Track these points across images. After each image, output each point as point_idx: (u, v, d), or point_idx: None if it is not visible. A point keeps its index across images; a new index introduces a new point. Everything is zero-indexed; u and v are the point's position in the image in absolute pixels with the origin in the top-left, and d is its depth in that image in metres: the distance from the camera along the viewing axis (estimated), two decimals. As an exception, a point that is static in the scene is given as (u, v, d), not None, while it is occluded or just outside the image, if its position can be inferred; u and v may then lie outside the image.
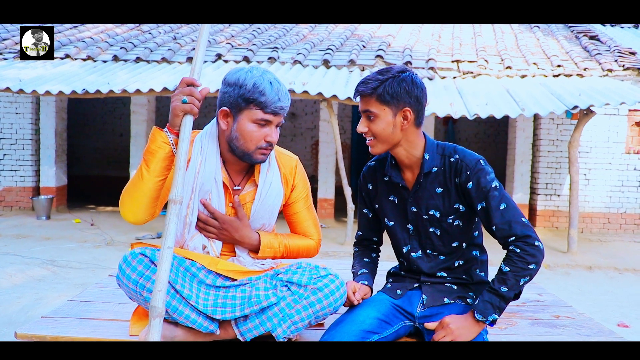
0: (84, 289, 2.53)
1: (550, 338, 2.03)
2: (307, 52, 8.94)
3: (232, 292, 1.85)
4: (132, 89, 6.95)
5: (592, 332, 2.11)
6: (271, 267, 1.97)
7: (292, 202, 2.08)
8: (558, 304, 2.48)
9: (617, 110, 8.69)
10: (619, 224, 8.97)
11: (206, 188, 1.92)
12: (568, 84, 7.88)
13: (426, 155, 1.92)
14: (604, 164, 8.89)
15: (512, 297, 1.78)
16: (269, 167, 1.99)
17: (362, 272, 2.09)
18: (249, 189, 1.99)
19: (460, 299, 1.95)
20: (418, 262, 1.99)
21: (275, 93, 1.82)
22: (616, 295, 5.56)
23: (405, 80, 1.84)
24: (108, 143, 12.36)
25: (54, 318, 2.08)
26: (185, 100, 1.70)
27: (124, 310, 2.18)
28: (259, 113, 1.83)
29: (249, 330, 1.83)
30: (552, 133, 8.95)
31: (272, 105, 1.82)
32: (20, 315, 4.19)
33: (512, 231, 1.79)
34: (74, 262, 6.02)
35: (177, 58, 8.61)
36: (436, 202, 1.93)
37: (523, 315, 2.30)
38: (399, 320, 1.91)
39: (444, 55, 9.11)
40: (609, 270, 6.67)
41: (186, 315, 1.79)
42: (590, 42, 9.70)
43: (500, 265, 1.80)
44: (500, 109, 6.75)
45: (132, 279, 1.78)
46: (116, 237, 7.43)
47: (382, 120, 1.85)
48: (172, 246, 1.61)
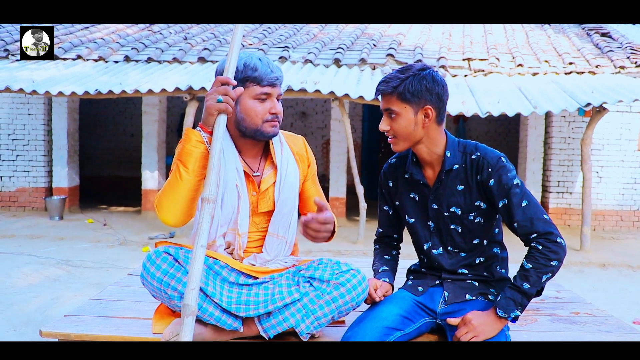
0: (104, 288, 2.55)
1: (571, 334, 2.03)
2: (318, 51, 8.95)
3: (255, 289, 1.86)
4: (145, 89, 6.98)
5: (612, 328, 2.10)
6: (293, 265, 1.99)
7: (305, 180, 2.12)
8: (577, 301, 2.48)
9: (629, 108, 8.63)
10: (632, 221, 8.91)
11: (230, 180, 1.92)
12: (580, 81, 7.84)
13: (447, 153, 1.92)
14: (616, 161, 8.83)
15: (534, 293, 1.78)
16: (282, 148, 2.03)
17: (383, 269, 2.10)
18: (268, 172, 2.01)
19: (481, 296, 1.95)
20: (439, 259, 2.00)
21: (266, 66, 1.86)
22: (630, 293, 5.53)
23: (426, 78, 1.85)
24: (119, 143, 12.41)
25: (76, 316, 2.10)
26: (221, 100, 1.71)
27: (146, 309, 2.20)
28: (257, 88, 1.87)
29: (272, 326, 1.84)
30: (563, 131, 8.90)
31: (267, 78, 1.86)
32: (38, 315, 4.23)
33: (534, 228, 1.79)
34: (89, 262, 6.06)
35: (188, 58, 8.64)
36: (457, 200, 1.94)
37: (542, 312, 2.30)
38: (421, 317, 1.92)
39: (455, 53, 9.09)
40: (623, 267, 6.64)
41: (210, 313, 1.80)
42: (601, 39, 9.65)
43: (522, 261, 1.80)
44: (513, 107, 6.73)
45: (157, 277, 1.80)
46: (129, 237, 7.47)
47: (404, 119, 1.86)
48: (205, 245, 1.61)
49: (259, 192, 1.99)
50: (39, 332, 1.95)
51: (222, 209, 1.93)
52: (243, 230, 1.97)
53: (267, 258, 1.99)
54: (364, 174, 11.53)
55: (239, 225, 1.96)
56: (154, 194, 9.18)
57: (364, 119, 12.26)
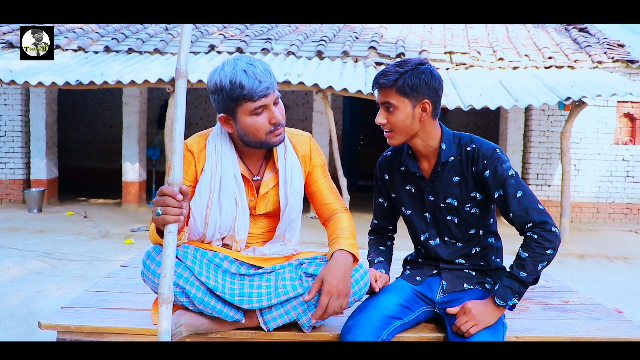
0: (98, 279, 2.54)
1: (563, 322, 2.09)
2: (301, 43, 8.94)
3: (257, 280, 1.87)
4: (127, 80, 6.92)
5: (601, 315, 2.17)
6: (292, 255, 2.00)
7: (310, 170, 2.06)
8: (565, 290, 2.55)
9: (606, 102, 8.79)
10: (608, 213, 9.10)
11: (228, 188, 1.91)
12: (559, 75, 7.97)
13: (443, 145, 1.95)
14: (593, 154, 9.00)
15: (531, 281, 1.83)
16: (286, 150, 1.98)
17: (379, 260, 2.13)
18: (268, 176, 1.99)
19: (479, 285, 1.99)
20: (436, 249, 2.04)
21: (253, 79, 1.75)
22: (608, 283, 5.66)
23: (425, 72, 1.87)
24: (98, 135, 12.26)
25: (74, 308, 2.09)
26: (159, 213, 1.59)
27: (143, 300, 2.20)
28: (250, 105, 1.78)
29: (274, 319, 1.85)
30: (543, 124, 9.04)
31: (256, 92, 1.76)
32: (22, 308, 4.18)
33: (529, 218, 1.84)
34: (71, 255, 6.00)
35: (169, 49, 8.57)
36: (453, 191, 1.97)
37: (533, 300, 2.36)
38: (420, 306, 1.95)
39: (437, 46, 9.16)
40: (600, 258, 6.79)
41: (212, 306, 1.81)
42: (579, 34, 9.81)
43: (519, 251, 1.85)
44: (494, 100, 6.82)
45: (157, 273, 1.79)
46: (111, 230, 7.41)
47: (402, 112, 1.88)
48: (174, 231, 1.58)
49: (257, 198, 1.98)
50: (37, 324, 1.94)
51: (221, 217, 1.91)
52: (241, 237, 1.97)
53: (267, 253, 2.01)
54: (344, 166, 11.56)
55: (236, 232, 1.95)
56: (134, 186, 9.11)
57: (344, 111, 12.28)
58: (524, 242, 1.84)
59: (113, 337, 1.92)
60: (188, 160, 1.93)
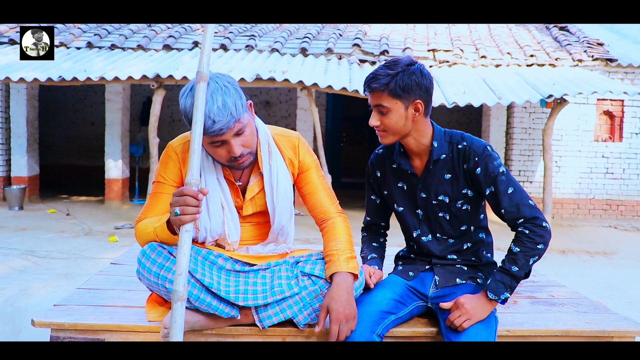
0: (90, 277, 2.53)
1: (552, 315, 2.13)
2: (285, 40, 8.94)
3: (252, 277, 1.88)
4: (110, 77, 6.86)
5: (588, 309, 2.21)
6: (285, 253, 2.02)
7: (302, 172, 2.04)
8: (552, 284, 2.59)
9: (586, 100, 8.93)
10: (588, 209, 9.25)
11: (212, 189, 1.92)
12: (541, 73, 8.07)
13: (435, 143, 1.98)
14: (573, 151, 9.14)
15: (523, 276, 1.86)
16: (271, 155, 1.95)
17: (372, 256, 2.16)
18: (254, 181, 1.99)
19: (471, 279, 2.03)
20: (429, 245, 2.07)
21: (207, 117, 1.68)
22: (590, 277, 5.76)
23: (415, 72, 1.88)
24: (79, 132, 12.13)
25: (67, 306, 2.09)
26: (177, 213, 1.62)
27: (136, 297, 2.20)
28: (206, 138, 1.76)
29: (269, 317, 1.86)
30: (524, 121, 9.15)
31: (209, 131, 1.71)
32: (7, 307, 4.13)
33: (521, 213, 1.87)
34: (55, 253, 5.94)
35: (153, 45, 8.51)
36: (445, 188, 2.00)
37: (522, 294, 2.40)
38: (413, 300, 1.98)
39: (420, 44, 9.22)
40: (582, 253, 6.90)
41: (208, 303, 1.81)
42: (560, 33, 9.94)
43: (510, 245, 1.88)
44: (478, 98, 6.89)
45: (154, 271, 1.79)
46: (94, 227, 7.34)
47: (395, 114, 1.89)
48: (190, 230, 1.62)
49: (243, 201, 1.99)
50: (31, 322, 1.93)
51: (210, 221, 1.93)
52: (233, 240, 1.99)
53: (261, 252, 2.02)
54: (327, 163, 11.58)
55: (227, 235, 1.97)
56: (117, 183, 9.04)
57: (327, 109, 12.29)
58: (516, 237, 1.88)
59: (108, 334, 1.92)
60: (173, 161, 1.94)
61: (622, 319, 2.09)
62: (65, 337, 1.92)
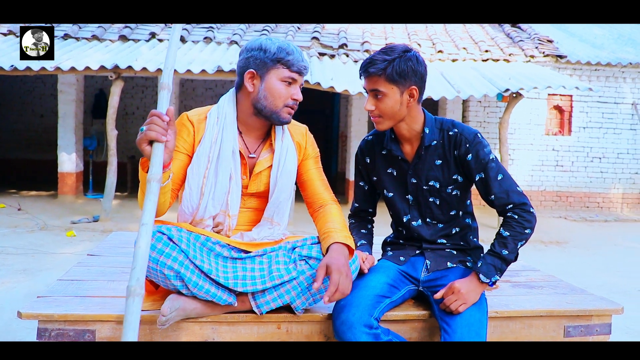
0: (70, 268, 2.46)
1: (535, 297, 2.21)
2: (243, 32, 8.87)
3: (249, 263, 1.88)
4: (66, 67, 6.65)
5: (566, 290, 2.31)
6: (281, 239, 2.02)
7: (305, 159, 2.12)
8: (528, 269, 2.69)
9: (537, 94, 9.24)
10: (539, 201, 9.58)
11: (225, 160, 1.93)
12: (496, 68, 8.30)
13: (426, 129, 2.02)
14: (526, 144, 9.44)
15: (512, 259, 1.93)
16: (284, 134, 2.05)
17: (362, 242, 2.19)
18: (265, 156, 2.03)
19: (460, 263, 2.09)
20: (419, 230, 2.11)
21: (299, 54, 1.94)
22: (546, 265, 5.98)
23: (411, 59, 1.93)
24: (28, 124, 11.70)
25: (52, 297, 2.03)
26: (143, 129, 1.63)
27: (122, 287, 2.15)
28: (286, 71, 1.91)
29: (267, 302, 1.87)
30: (479, 115, 9.39)
31: (297, 64, 1.92)
32: (-34, 304, 3.98)
33: (510, 199, 1.94)
34: (10, 248, 5.74)
35: (108, 36, 8.30)
36: (436, 174, 2.05)
37: (502, 279, 2.47)
38: (405, 284, 2.02)
39: (378, 38, 9.31)
40: (536, 243, 7.15)
41: (206, 290, 1.80)
42: (512, 29, 10.23)
43: (499, 230, 1.95)
44: (437, 91, 7.02)
45: (152, 257, 1.75)
46: (49, 222, 7.12)
47: (390, 99, 1.93)
48: (148, 223, 1.51)
49: (250, 176, 2.02)
50: (17, 314, 1.87)
51: (216, 188, 1.93)
52: (233, 212, 1.98)
53: (255, 237, 2.01)
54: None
55: (229, 207, 1.97)
56: (71, 177, 8.78)
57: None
58: (505, 222, 1.95)
59: (99, 324, 1.87)
60: (187, 129, 1.96)
61: (599, 299, 2.19)
62: (54, 329, 1.87)
